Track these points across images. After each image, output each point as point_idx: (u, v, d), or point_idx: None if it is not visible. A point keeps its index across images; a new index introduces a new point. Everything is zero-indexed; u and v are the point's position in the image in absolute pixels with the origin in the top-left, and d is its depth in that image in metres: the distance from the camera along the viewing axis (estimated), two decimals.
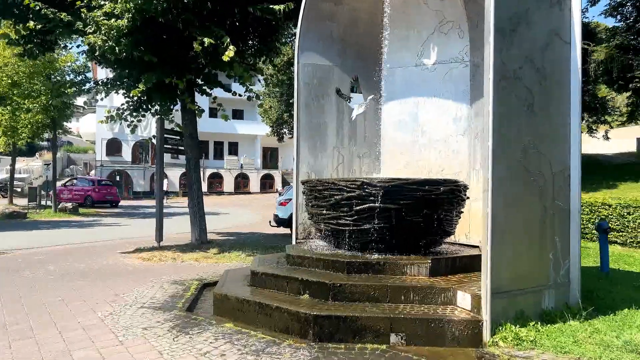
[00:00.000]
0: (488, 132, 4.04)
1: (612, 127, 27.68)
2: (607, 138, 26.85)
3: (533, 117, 4.39)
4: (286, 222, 13.33)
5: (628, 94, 25.03)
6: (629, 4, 23.82)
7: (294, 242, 7.07)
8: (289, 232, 13.64)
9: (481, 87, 6.97)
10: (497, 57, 4.06)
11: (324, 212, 5.42)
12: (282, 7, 8.46)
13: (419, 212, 5.01)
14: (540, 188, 4.44)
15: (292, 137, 35.86)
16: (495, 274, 4.01)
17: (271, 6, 8.50)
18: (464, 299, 4.21)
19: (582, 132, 5.34)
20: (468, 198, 5.67)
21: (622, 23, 24.43)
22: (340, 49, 7.62)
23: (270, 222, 14.20)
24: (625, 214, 11.95)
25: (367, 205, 5.03)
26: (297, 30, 7.28)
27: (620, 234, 11.58)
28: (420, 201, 4.98)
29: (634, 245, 11.67)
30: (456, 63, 7.12)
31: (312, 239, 6.98)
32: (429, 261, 4.78)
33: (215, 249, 9.55)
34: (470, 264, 5.10)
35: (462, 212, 5.60)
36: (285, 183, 41.73)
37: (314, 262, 5.15)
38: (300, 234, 7.18)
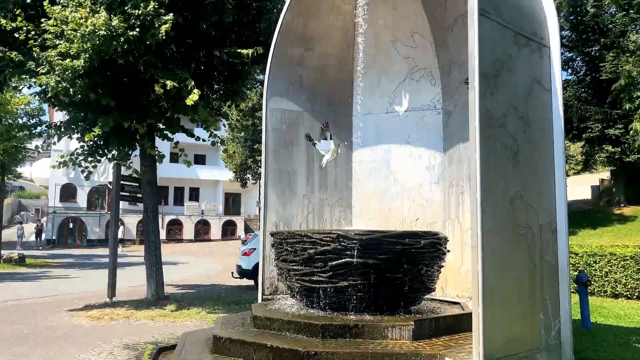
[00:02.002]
0: (476, 182, 3.75)
1: (568, 175, 28.55)
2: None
3: (518, 166, 4.16)
4: (250, 274, 12.68)
5: (582, 143, 26.01)
6: (578, 59, 25.15)
7: (260, 300, 6.53)
8: (253, 284, 12.97)
9: (454, 134, 6.84)
10: (482, 104, 3.84)
11: (296, 267, 4.97)
12: (250, 51, 8.23)
13: (399, 267, 4.64)
14: (528, 242, 4.16)
15: (255, 182, 35.53)
16: (487, 339, 3.62)
17: (239, 50, 8.25)
18: None
19: None
20: (449, 251, 5.35)
21: (573, 76, 25.69)
22: (310, 94, 7.37)
23: (232, 273, 13.48)
24: (592, 262, 11.96)
25: (344, 260, 4.62)
26: (266, 75, 7.02)
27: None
28: (400, 256, 4.62)
29: (602, 294, 11.62)
30: (428, 110, 6.98)
31: (280, 295, 6.47)
32: (412, 323, 4.37)
33: (173, 305, 8.83)
34: (455, 325, 4.72)
35: (442, 266, 5.26)
36: (248, 229, 40.79)
37: (285, 324, 4.64)
38: (267, 289, 6.66)
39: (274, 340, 4.28)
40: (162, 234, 36.05)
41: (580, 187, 29.61)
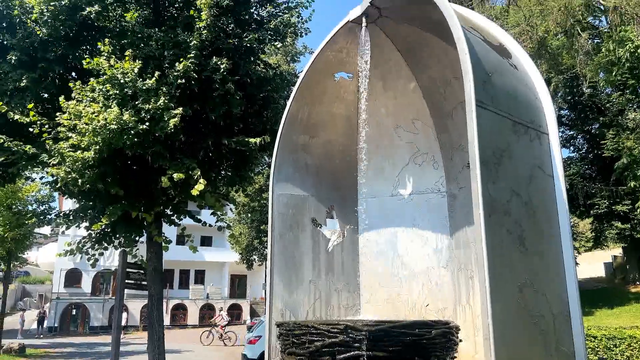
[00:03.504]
0: (484, 270, 3.70)
1: (579, 253, 28.10)
2: (577, 264, 27.07)
3: (526, 253, 4.12)
4: None
5: (590, 219, 25.84)
6: (579, 136, 25.65)
7: None
8: None
9: (460, 217, 6.83)
10: (485, 191, 3.89)
11: None
12: (257, 140, 8.48)
13: (410, 359, 4.45)
14: (542, 332, 4.02)
15: (261, 264, 35.13)
16: None
17: (247, 139, 8.52)
18: None
19: None
20: (461, 341, 5.15)
21: (575, 154, 26.06)
22: (315, 179, 7.49)
23: None
24: (612, 346, 11.44)
25: (353, 353, 4.45)
26: (272, 162, 7.17)
27: None
28: (411, 347, 4.45)
29: None
30: (433, 193, 7.03)
31: None
32: None
33: None
34: None
35: (455, 357, 5.04)
36: (253, 313, 39.74)
37: None
38: None
39: None
40: (167, 320, 35.11)
41: (593, 264, 29.04)
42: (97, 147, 7.12)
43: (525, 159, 4.42)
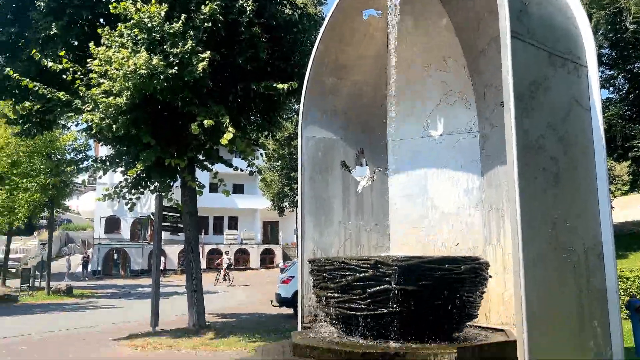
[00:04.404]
0: (515, 207, 3.68)
1: (615, 197, 27.48)
2: (612, 207, 26.54)
3: (560, 189, 4.06)
4: (289, 302, 12.67)
5: (628, 162, 25.06)
6: (620, 76, 24.45)
7: (299, 328, 6.48)
8: (293, 312, 12.94)
9: (491, 157, 6.74)
10: (519, 126, 3.80)
11: (334, 294, 4.94)
12: (285, 85, 8.43)
13: (439, 294, 4.54)
14: (573, 267, 4.02)
15: (292, 210, 35.75)
16: None
17: (274, 85, 8.47)
18: None
19: None
20: (490, 277, 5.21)
21: (615, 94, 24.95)
22: (344, 121, 7.44)
23: (272, 301, 13.50)
24: None
25: (382, 287, 4.56)
26: (301, 105, 7.14)
27: None
28: (440, 282, 4.53)
29: None
30: (464, 134, 6.91)
31: (320, 323, 6.42)
32: (455, 351, 4.24)
33: (213, 334, 8.90)
34: (499, 352, 4.56)
35: (484, 292, 5.12)
36: (286, 257, 40.88)
37: (325, 352, 4.59)
38: (307, 317, 6.60)
39: None
40: (202, 264, 36.51)
41: (629, 208, 28.40)
42: (129, 92, 7.23)
43: (562, 93, 4.27)
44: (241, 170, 10.38)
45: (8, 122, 10.16)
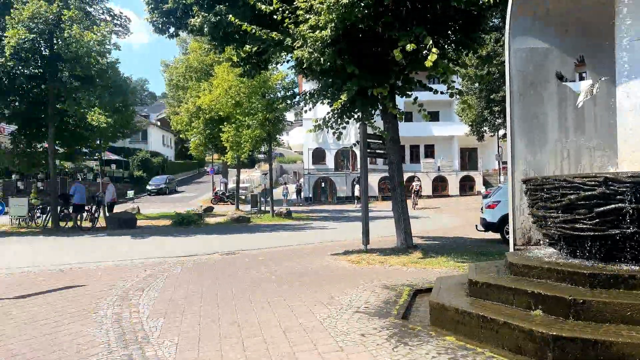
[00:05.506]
0: None
1: None
2: None
3: None
4: (495, 227, 12.38)
5: None
6: None
7: (511, 249, 6.35)
8: (498, 237, 12.65)
9: None
10: None
11: (554, 214, 4.68)
12: None
13: None
14: None
15: (493, 135, 33.89)
16: None
17: None
18: None
19: None
20: None
21: None
22: (559, 27, 6.66)
23: (476, 226, 13.37)
24: None
25: (613, 206, 4.16)
26: (507, 13, 6.57)
27: None
28: None
29: None
30: None
31: (533, 246, 6.19)
32: None
33: (421, 254, 9.27)
34: None
35: None
36: (487, 184, 39.44)
37: (544, 272, 4.46)
38: (519, 239, 6.43)
39: (534, 287, 4.17)
40: None
41: None
42: (333, 24, 7.56)
43: None
44: (441, 93, 10.16)
45: (232, 65, 11.64)
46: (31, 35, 15.49)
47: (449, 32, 9.61)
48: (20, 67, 16.12)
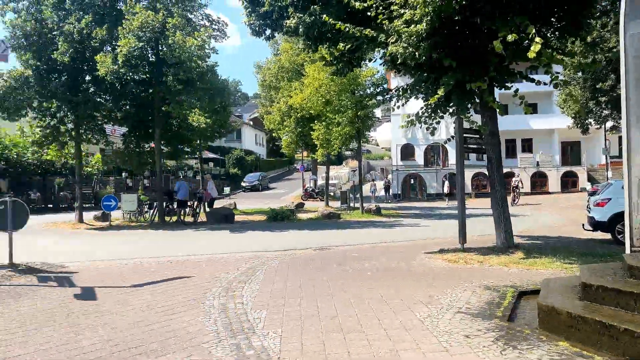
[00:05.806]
0: None
1: None
2: None
3: None
4: (604, 226, 11.47)
5: None
6: None
7: (627, 250, 5.85)
8: (608, 237, 11.71)
9: None
10: None
11: None
12: None
13: None
14: None
15: (599, 127, 31.34)
16: None
17: None
18: None
19: None
20: None
21: None
22: None
23: (583, 225, 12.47)
24: None
25: None
26: None
27: None
28: None
29: None
30: None
31: None
32: None
33: (523, 254, 8.82)
34: None
35: None
36: (592, 180, 36.59)
37: None
38: (637, 240, 5.90)
39: None
40: None
41: None
42: (428, 17, 7.40)
43: None
44: (544, 84, 9.57)
45: (325, 64, 11.82)
46: (140, 43, 16.79)
47: (552, 19, 9.02)
48: (130, 73, 17.53)
